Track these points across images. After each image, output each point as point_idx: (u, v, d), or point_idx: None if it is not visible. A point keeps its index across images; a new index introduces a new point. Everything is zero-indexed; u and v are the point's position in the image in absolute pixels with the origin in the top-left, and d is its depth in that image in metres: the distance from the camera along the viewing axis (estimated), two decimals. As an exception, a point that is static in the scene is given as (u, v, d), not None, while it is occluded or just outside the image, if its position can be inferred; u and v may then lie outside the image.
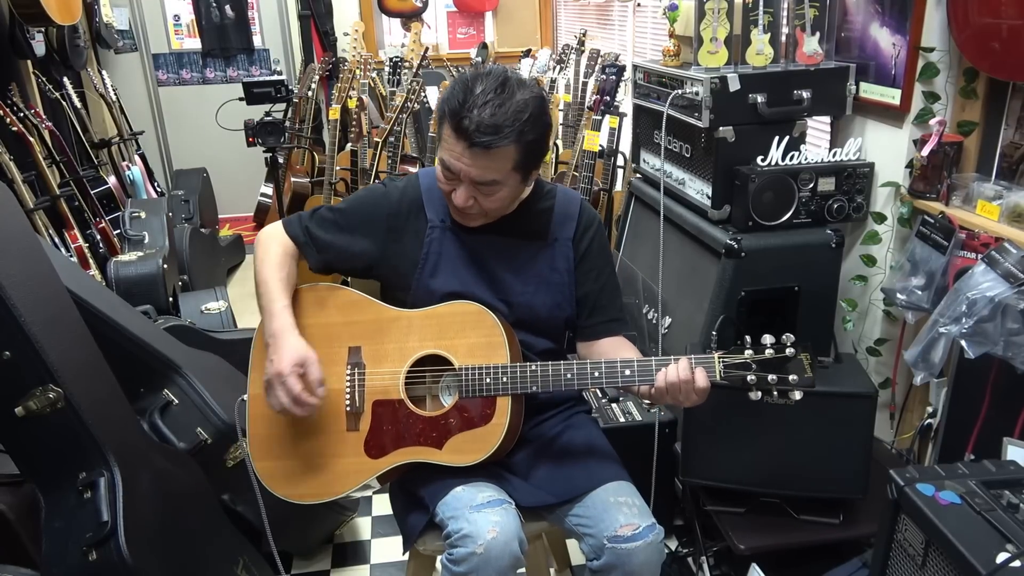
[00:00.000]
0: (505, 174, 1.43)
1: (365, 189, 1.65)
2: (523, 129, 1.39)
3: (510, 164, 1.42)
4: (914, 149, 2.00)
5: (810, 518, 1.85)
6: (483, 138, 1.37)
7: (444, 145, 1.44)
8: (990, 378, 1.70)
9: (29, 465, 1.52)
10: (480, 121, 1.36)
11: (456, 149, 1.41)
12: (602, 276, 1.63)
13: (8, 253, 1.44)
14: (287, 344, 1.46)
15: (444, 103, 1.42)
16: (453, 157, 1.42)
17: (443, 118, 1.42)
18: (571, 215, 1.61)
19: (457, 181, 1.45)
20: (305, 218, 1.60)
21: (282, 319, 1.49)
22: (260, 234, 1.63)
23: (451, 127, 1.40)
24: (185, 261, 3.63)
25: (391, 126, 3.52)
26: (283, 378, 1.42)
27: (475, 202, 1.47)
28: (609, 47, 4.24)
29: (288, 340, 1.46)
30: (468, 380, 1.48)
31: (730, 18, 2.20)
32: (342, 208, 1.60)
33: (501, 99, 1.38)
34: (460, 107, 1.38)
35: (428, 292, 1.55)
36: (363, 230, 1.58)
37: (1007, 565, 1.15)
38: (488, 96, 1.37)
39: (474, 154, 1.39)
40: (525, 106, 1.39)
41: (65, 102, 4.08)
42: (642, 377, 1.43)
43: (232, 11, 5.22)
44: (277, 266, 1.55)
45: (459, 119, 1.38)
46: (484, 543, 1.36)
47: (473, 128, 1.36)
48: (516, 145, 1.40)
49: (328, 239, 1.58)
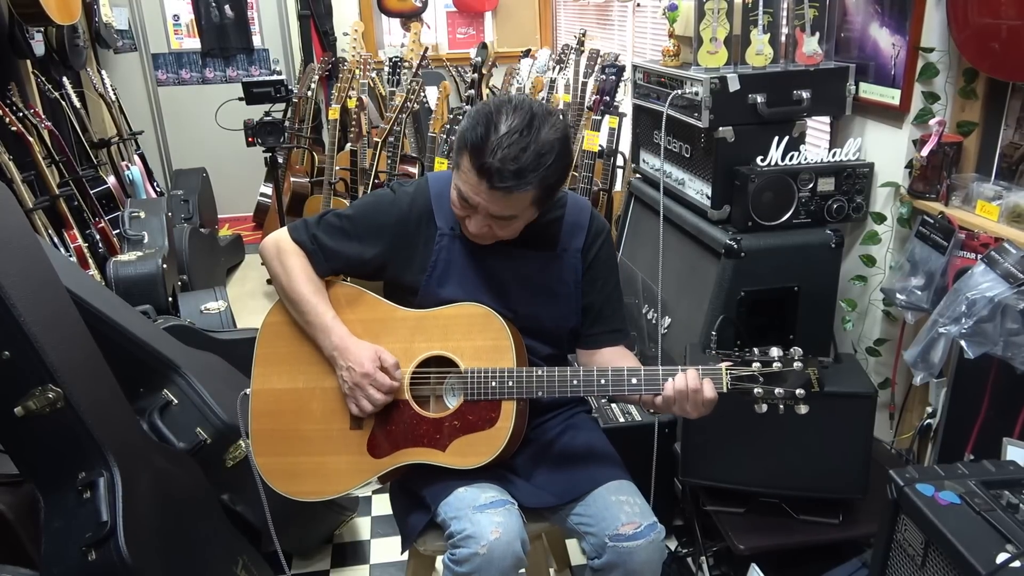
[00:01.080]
0: (523, 210, 1.44)
1: (373, 195, 1.62)
2: (546, 174, 1.38)
3: (528, 202, 1.42)
4: (914, 149, 2.00)
5: (810, 518, 1.85)
6: (505, 183, 1.35)
7: (463, 177, 1.41)
8: (990, 378, 1.70)
9: (29, 465, 1.52)
10: (503, 167, 1.34)
11: (476, 186, 1.39)
12: (607, 286, 1.63)
13: (8, 253, 1.44)
14: (356, 348, 1.50)
15: (466, 134, 1.39)
16: (472, 192, 1.40)
17: (463, 149, 1.39)
18: (581, 225, 1.60)
19: (473, 211, 1.44)
20: (312, 225, 1.58)
21: (338, 329, 1.52)
22: (267, 243, 1.60)
23: (472, 165, 1.37)
24: (184, 261, 3.63)
25: (391, 126, 3.52)
26: (372, 378, 1.47)
27: (489, 229, 1.47)
28: (609, 47, 4.24)
29: (355, 344, 1.51)
30: (473, 383, 1.48)
31: (730, 18, 2.20)
32: (349, 215, 1.58)
33: (526, 141, 1.34)
34: (482, 144, 1.34)
35: (435, 299, 1.55)
36: (371, 237, 1.56)
37: (1007, 565, 1.15)
38: (513, 138, 1.34)
39: (494, 195, 1.38)
40: (550, 148, 1.37)
41: (64, 102, 4.07)
42: (649, 386, 1.42)
43: (231, 11, 5.22)
44: (307, 279, 1.55)
45: (482, 160, 1.35)
46: (487, 543, 1.36)
47: (495, 171, 1.34)
48: (537, 188, 1.39)
49: (336, 247, 1.57)
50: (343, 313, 1.57)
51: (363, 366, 1.47)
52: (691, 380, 1.38)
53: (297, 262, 1.56)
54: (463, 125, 1.42)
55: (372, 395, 1.47)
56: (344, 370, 1.50)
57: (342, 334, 1.51)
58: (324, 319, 1.52)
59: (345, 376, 1.50)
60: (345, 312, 1.57)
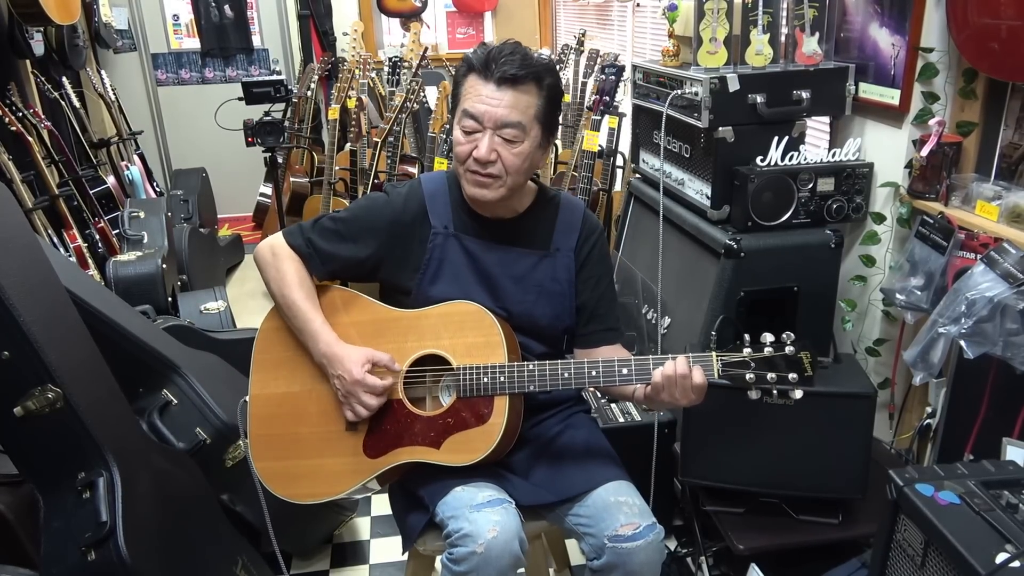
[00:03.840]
0: (529, 119, 1.46)
1: (367, 198, 1.63)
2: (544, 73, 1.47)
3: (533, 110, 1.46)
4: (913, 149, 2.00)
5: (809, 518, 1.85)
6: (511, 70, 1.43)
7: (467, 95, 1.47)
8: (989, 378, 1.70)
9: (28, 465, 1.51)
10: (507, 60, 1.43)
11: (482, 91, 1.45)
12: (600, 285, 1.63)
13: (7, 253, 1.43)
14: (344, 354, 1.50)
15: (465, 61, 1.48)
16: (478, 100, 1.45)
17: (465, 74, 1.48)
18: (574, 225, 1.61)
19: (480, 131, 1.46)
20: (307, 229, 1.58)
21: (326, 335, 1.52)
22: (262, 248, 1.60)
23: (477, 72, 1.46)
24: (184, 261, 3.63)
25: (390, 126, 3.52)
26: (362, 383, 1.47)
27: (497, 157, 1.46)
28: (608, 47, 4.24)
29: (343, 350, 1.50)
30: (465, 379, 1.48)
31: (729, 18, 2.20)
32: (344, 217, 1.58)
33: (522, 50, 1.47)
34: (484, 55, 1.45)
35: (428, 298, 1.55)
36: (366, 238, 1.57)
37: (1006, 565, 1.15)
38: (510, 47, 1.47)
39: (502, 91, 1.44)
40: (547, 64, 1.49)
41: (64, 102, 4.07)
42: (639, 375, 1.43)
43: (231, 11, 5.22)
44: (299, 284, 1.55)
45: (486, 61, 1.44)
46: (484, 542, 1.36)
47: (502, 62, 1.43)
48: (538, 88, 1.46)
49: (332, 250, 1.57)
50: (336, 316, 1.57)
51: (352, 373, 1.47)
52: (680, 366, 1.38)
53: (290, 267, 1.56)
54: (462, 61, 1.51)
55: (365, 400, 1.48)
56: (335, 378, 1.50)
57: (329, 340, 1.51)
58: (312, 325, 1.52)
59: (337, 384, 1.50)
60: (338, 315, 1.58)
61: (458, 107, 1.50)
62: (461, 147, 1.49)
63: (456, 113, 1.50)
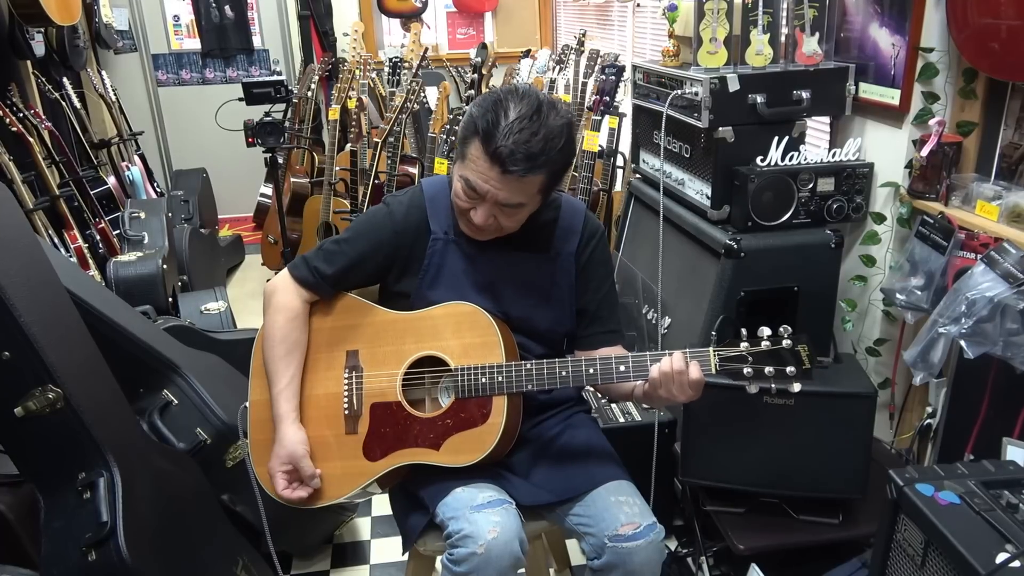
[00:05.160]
0: (531, 197, 1.45)
1: (367, 213, 1.63)
2: (555, 158, 1.41)
3: (536, 188, 1.44)
4: (913, 149, 2.00)
5: (809, 518, 1.85)
6: (517, 167, 1.37)
7: (472, 165, 1.42)
8: (989, 378, 1.70)
9: (28, 465, 1.52)
10: (515, 150, 1.36)
11: (487, 173, 1.39)
12: (602, 287, 1.63)
13: (7, 253, 1.44)
14: (281, 438, 1.52)
15: (475, 121, 1.40)
16: (482, 179, 1.41)
17: (472, 136, 1.41)
18: (575, 229, 1.60)
19: (480, 201, 1.44)
20: (311, 258, 1.58)
21: (280, 406, 1.53)
22: (266, 291, 1.59)
23: (484, 151, 1.38)
24: (185, 261, 3.63)
25: (391, 126, 3.52)
26: (273, 473, 1.52)
27: (494, 220, 1.47)
28: (609, 47, 4.24)
29: (283, 433, 1.52)
30: (463, 380, 1.48)
31: (729, 18, 2.20)
32: (347, 237, 1.58)
33: (535, 126, 1.37)
34: (493, 130, 1.37)
35: (427, 303, 1.55)
36: (372, 254, 1.57)
37: (1006, 565, 1.15)
38: (524, 123, 1.37)
39: (505, 180, 1.39)
40: (558, 133, 1.40)
41: (65, 102, 4.07)
42: (637, 372, 1.43)
43: (232, 11, 5.22)
44: (280, 339, 1.55)
45: (494, 145, 1.36)
46: (485, 543, 1.36)
47: (507, 155, 1.36)
48: (547, 173, 1.42)
49: (338, 273, 1.57)
50: (335, 320, 1.58)
51: (271, 461, 1.52)
52: (676, 362, 1.38)
53: (279, 320, 1.56)
54: (471, 112, 1.42)
55: (277, 482, 1.52)
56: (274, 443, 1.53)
57: (281, 413, 1.52)
58: (273, 389, 1.54)
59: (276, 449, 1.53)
60: (336, 319, 1.58)
61: (462, 160, 1.45)
62: (460, 200, 1.47)
63: (458, 164, 1.47)
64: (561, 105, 1.45)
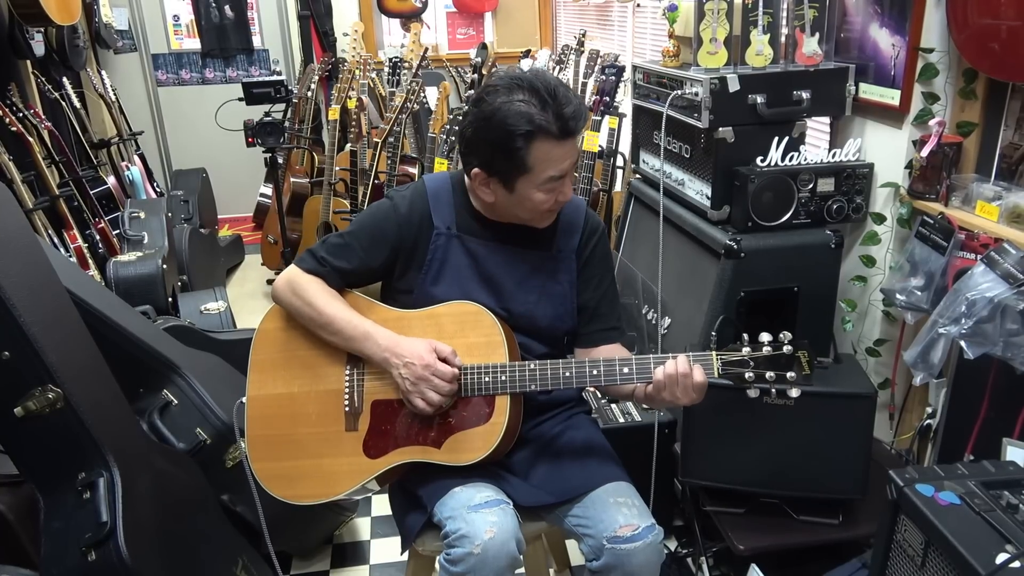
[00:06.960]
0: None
1: (371, 207, 1.63)
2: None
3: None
4: (913, 150, 2.00)
5: (809, 518, 1.85)
6: (582, 122, 1.44)
7: (543, 161, 1.42)
8: (989, 379, 1.70)
9: (28, 465, 1.52)
10: (574, 112, 1.42)
11: (564, 149, 1.44)
12: (603, 284, 1.63)
13: (7, 253, 1.44)
14: (408, 343, 1.48)
15: (528, 120, 1.39)
16: (563, 160, 1.45)
17: (527, 139, 1.40)
18: (576, 226, 1.61)
19: (562, 182, 1.48)
20: (317, 250, 1.58)
21: (382, 331, 1.50)
22: (279, 286, 1.57)
23: (555, 134, 1.41)
24: (184, 261, 3.63)
25: (391, 126, 3.52)
26: (433, 368, 1.45)
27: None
28: (608, 48, 4.24)
29: (406, 340, 1.49)
30: (467, 379, 1.48)
31: (730, 19, 2.20)
32: (352, 231, 1.58)
33: (563, 87, 1.44)
34: (561, 119, 1.40)
35: (429, 298, 1.55)
36: (376, 247, 1.57)
37: (1006, 566, 1.15)
38: (558, 89, 1.42)
39: (575, 143, 1.46)
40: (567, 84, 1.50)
41: (64, 102, 4.07)
42: (640, 375, 1.43)
43: (231, 11, 5.22)
44: (330, 299, 1.53)
45: (564, 122, 1.41)
46: (481, 543, 1.36)
47: (576, 122, 1.43)
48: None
49: (344, 265, 1.56)
50: None
51: (423, 358, 1.45)
52: (680, 365, 1.39)
53: (314, 288, 1.54)
54: (512, 117, 1.40)
55: (438, 385, 1.45)
56: (402, 367, 1.47)
57: (387, 335, 1.50)
58: (364, 328, 1.51)
59: (405, 373, 1.46)
60: None
61: (529, 173, 1.43)
62: (544, 203, 1.48)
63: (529, 177, 1.44)
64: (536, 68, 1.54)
